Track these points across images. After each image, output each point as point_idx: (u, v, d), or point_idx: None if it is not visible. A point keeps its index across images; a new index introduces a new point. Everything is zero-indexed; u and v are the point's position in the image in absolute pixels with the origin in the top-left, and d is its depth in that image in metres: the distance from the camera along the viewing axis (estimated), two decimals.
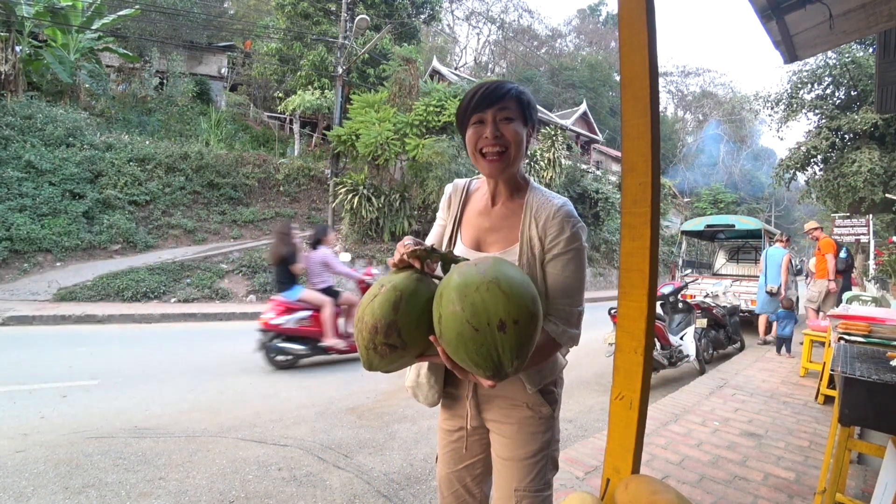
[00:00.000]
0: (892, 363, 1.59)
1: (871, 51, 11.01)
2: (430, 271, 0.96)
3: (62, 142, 9.64)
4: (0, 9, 10.93)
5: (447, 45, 35.90)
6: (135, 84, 14.79)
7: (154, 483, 2.30)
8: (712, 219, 9.70)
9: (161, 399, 3.52)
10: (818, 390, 3.83)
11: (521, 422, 1.08)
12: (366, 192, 10.67)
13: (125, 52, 13.99)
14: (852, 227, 11.22)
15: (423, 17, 19.26)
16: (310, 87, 15.53)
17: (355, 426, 3.17)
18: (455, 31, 37.40)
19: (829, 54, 11.97)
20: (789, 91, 13.17)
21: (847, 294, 5.49)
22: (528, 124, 1.03)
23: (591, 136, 26.93)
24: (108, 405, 3.34)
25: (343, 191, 10.76)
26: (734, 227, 8.88)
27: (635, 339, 0.78)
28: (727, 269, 10.23)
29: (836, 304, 6.25)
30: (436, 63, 21.55)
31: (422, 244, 0.93)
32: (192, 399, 3.56)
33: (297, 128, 16.65)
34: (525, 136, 1.03)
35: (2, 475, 2.29)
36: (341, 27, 12.63)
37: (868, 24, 2.35)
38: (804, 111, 13.09)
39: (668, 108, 44.21)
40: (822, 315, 6.05)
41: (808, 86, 12.83)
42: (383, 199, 10.90)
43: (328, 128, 13.02)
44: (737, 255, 10.43)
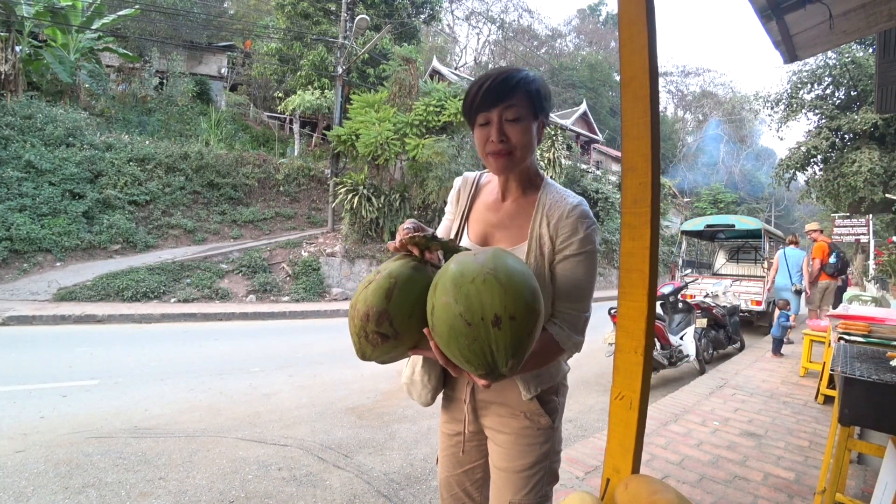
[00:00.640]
0: (892, 363, 1.59)
1: (871, 51, 11.02)
2: (430, 260, 0.91)
3: (62, 142, 9.64)
4: (0, 9, 10.93)
5: (447, 45, 35.91)
6: (135, 84, 14.79)
7: (154, 483, 2.30)
8: (712, 219, 9.70)
9: (161, 399, 3.52)
10: (818, 390, 3.83)
11: (517, 432, 1.03)
12: (366, 192, 10.67)
13: (125, 52, 13.99)
14: (852, 227, 11.23)
15: (423, 17, 19.26)
16: (310, 87, 15.54)
17: (355, 426, 3.17)
18: (455, 31, 37.41)
19: (829, 54, 11.98)
20: (789, 91, 13.18)
21: (847, 294, 5.52)
22: (539, 117, 0.98)
23: (591, 136, 26.92)
24: (108, 405, 3.34)
25: (343, 191, 10.76)
26: (734, 227, 8.89)
27: (635, 339, 0.78)
28: (727, 269, 10.23)
29: (836, 303, 6.38)
30: (436, 63, 21.54)
31: (424, 229, 0.89)
32: (192, 399, 3.56)
33: (297, 128, 16.65)
34: (536, 130, 0.98)
35: (2, 475, 2.29)
36: (341, 27, 12.63)
37: (868, 24, 2.35)
38: (804, 111, 13.10)
39: (668, 108, 44.21)
40: (821, 313, 6.17)
41: (808, 86, 12.84)
42: (383, 199, 10.90)
43: (328, 128, 13.02)
44: (737, 255, 10.43)
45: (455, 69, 28.29)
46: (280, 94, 17.05)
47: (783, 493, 2.22)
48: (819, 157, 12.90)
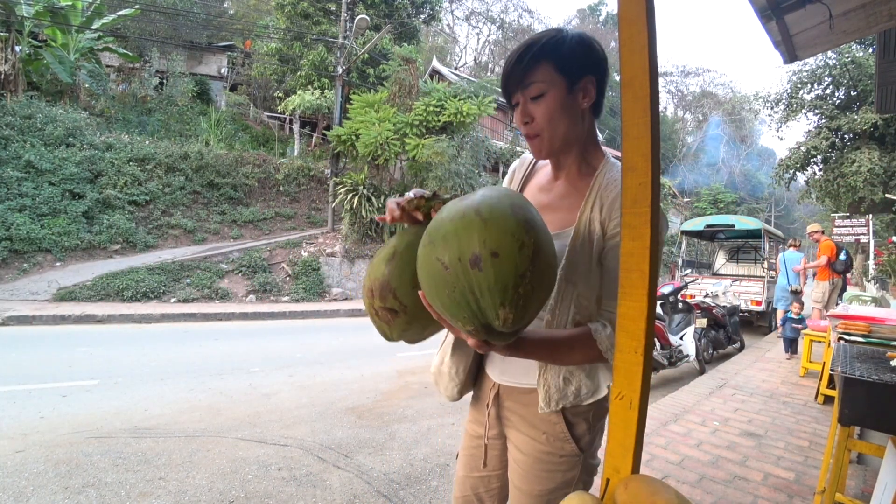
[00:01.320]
0: (892, 363, 1.59)
1: (871, 51, 11.02)
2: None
3: (62, 142, 9.64)
4: (0, 9, 10.93)
5: (447, 45, 35.90)
6: (135, 84, 14.79)
7: (154, 483, 2.30)
8: (712, 219, 9.71)
9: (161, 399, 3.52)
10: (818, 390, 3.83)
11: (536, 455, 0.92)
12: (366, 192, 10.67)
13: (125, 52, 13.99)
14: (852, 227, 11.24)
15: (423, 17, 19.26)
16: (310, 87, 15.54)
17: (355, 426, 3.17)
18: (455, 31, 37.41)
19: (829, 54, 11.98)
20: (789, 91, 13.19)
21: (847, 294, 5.53)
22: (575, 86, 0.83)
23: None
24: (107, 405, 3.34)
25: (343, 191, 10.76)
26: (734, 227, 8.89)
27: (635, 339, 0.77)
28: (727, 269, 10.24)
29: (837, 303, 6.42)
30: (436, 63, 21.54)
31: (423, 193, 0.80)
32: (192, 399, 3.56)
33: (297, 128, 16.65)
34: (577, 101, 0.84)
35: (2, 475, 2.29)
36: (341, 27, 12.63)
37: (868, 24, 2.35)
38: (804, 111, 13.11)
39: (668, 108, 44.22)
40: (823, 314, 6.22)
41: (808, 86, 12.85)
42: (383, 199, 10.90)
43: (328, 128, 13.02)
44: (737, 255, 10.44)
45: (455, 69, 28.29)
46: (280, 94, 17.05)
47: (783, 493, 2.22)
48: (819, 157, 12.91)
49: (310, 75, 15.47)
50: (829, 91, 12.77)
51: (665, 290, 5.25)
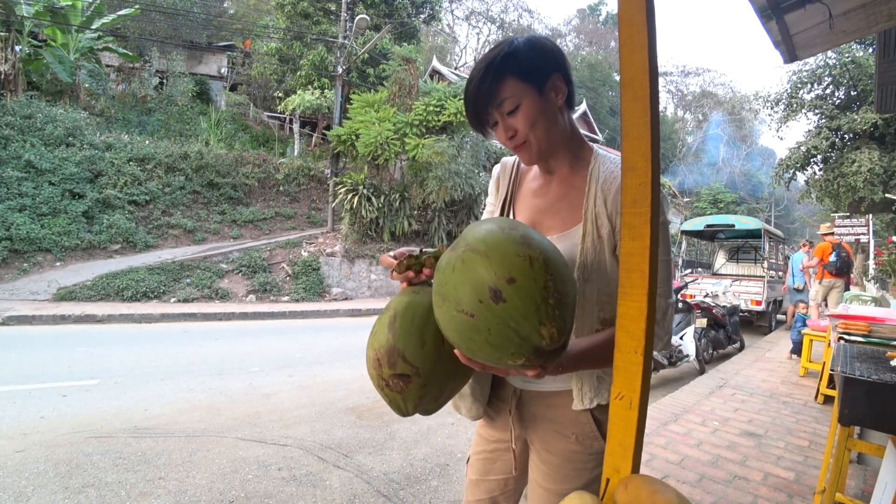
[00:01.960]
0: (892, 363, 1.59)
1: (871, 51, 11.02)
2: (430, 277, 0.78)
3: (62, 141, 9.64)
4: (0, 9, 10.93)
5: (447, 44, 35.90)
6: (135, 84, 14.79)
7: (154, 483, 2.30)
8: (712, 219, 9.71)
9: (161, 399, 3.52)
10: (818, 390, 3.83)
11: (565, 455, 0.92)
12: (366, 191, 10.67)
13: (125, 51, 13.99)
14: (852, 227, 11.24)
15: (422, 16, 19.26)
16: (310, 86, 15.55)
17: (355, 426, 3.17)
18: (455, 31, 37.40)
19: (829, 54, 11.98)
20: (789, 91, 13.19)
21: (847, 294, 5.54)
22: (545, 88, 0.83)
23: (591, 135, 26.93)
24: (107, 405, 3.34)
25: (343, 191, 10.77)
26: (734, 226, 8.89)
27: (635, 339, 0.77)
28: (727, 268, 10.24)
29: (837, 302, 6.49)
30: (436, 63, 21.54)
31: (411, 251, 0.79)
32: (192, 399, 3.56)
33: (296, 128, 16.65)
34: (548, 98, 0.84)
35: (2, 475, 2.29)
36: (341, 27, 12.63)
37: (868, 24, 2.35)
38: (804, 111, 13.10)
39: (668, 108, 44.22)
40: (821, 311, 6.33)
41: (808, 86, 12.85)
42: (383, 198, 10.90)
43: (328, 128, 13.02)
44: (737, 254, 10.44)
45: (455, 69, 28.28)
46: (280, 94, 17.05)
47: (783, 493, 2.23)
48: (819, 157, 12.90)
49: (310, 75, 15.48)
50: (829, 91, 12.76)
51: None
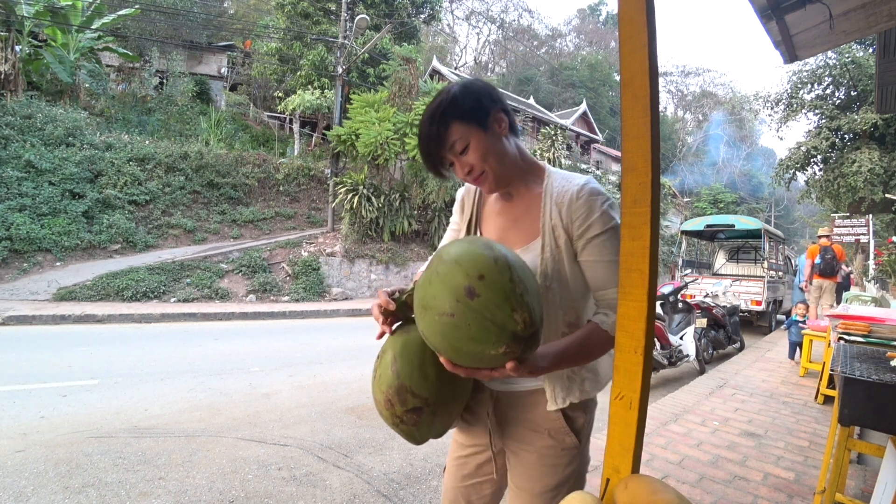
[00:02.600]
0: (892, 363, 1.59)
1: (871, 51, 11.02)
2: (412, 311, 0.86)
3: (62, 141, 9.64)
4: (0, 8, 10.93)
5: (447, 44, 35.90)
6: (135, 84, 14.79)
7: (154, 483, 2.30)
8: (712, 219, 9.71)
9: (161, 399, 3.52)
10: (818, 390, 3.83)
11: (540, 451, 0.97)
12: (366, 191, 10.67)
13: (125, 51, 13.99)
14: (852, 227, 11.24)
15: (423, 16, 19.27)
16: (310, 86, 15.54)
17: (355, 426, 3.17)
18: (455, 31, 37.41)
19: (829, 54, 11.97)
20: (789, 91, 13.18)
21: (847, 294, 5.55)
22: (488, 123, 0.91)
23: (591, 135, 26.93)
24: (107, 405, 3.34)
25: (343, 190, 10.77)
26: (734, 227, 8.89)
27: (635, 339, 0.77)
28: (727, 269, 10.24)
29: (836, 302, 6.54)
30: (436, 63, 21.55)
31: (386, 295, 0.86)
32: (192, 399, 3.56)
33: (296, 127, 16.65)
34: (494, 130, 0.92)
35: (2, 475, 2.29)
36: (341, 27, 12.63)
37: (868, 24, 2.35)
38: (804, 111, 13.10)
39: (668, 108, 44.23)
40: (819, 311, 6.40)
41: (808, 86, 12.84)
42: (383, 198, 10.91)
43: (328, 127, 13.03)
44: (737, 255, 10.44)
45: (455, 69, 28.30)
46: (280, 94, 17.05)
47: (783, 493, 2.23)
48: (819, 157, 12.90)
49: (310, 75, 15.47)
50: (829, 91, 12.76)
51: (665, 290, 5.25)
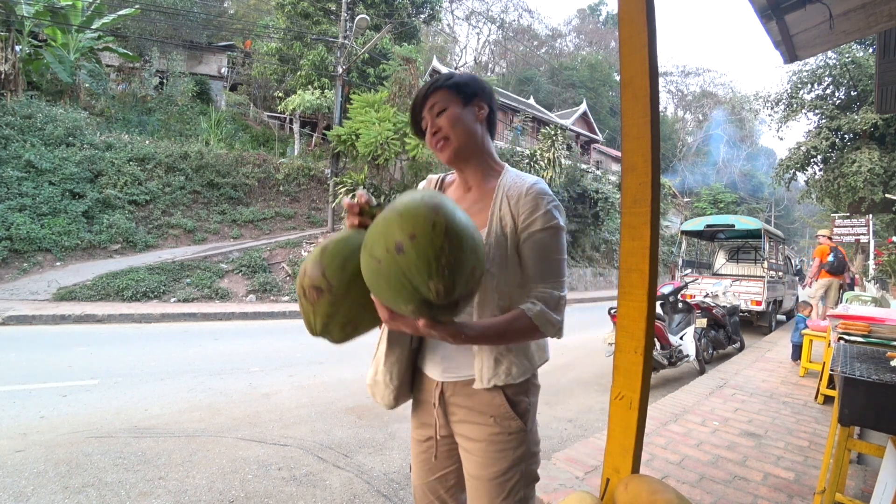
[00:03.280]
0: (892, 363, 1.59)
1: (871, 51, 11.01)
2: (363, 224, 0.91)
3: (62, 141, 9.64)
4: (0, 8, 10.93)
5: (447, 44, 35.89)
6: (135, 84, 14.79)
7: (154, 483, 2.30)
8: (712, 219, 9.70)
9: (161, 399, 3.52)
10: (818, 390, 3.83)
11: (487, 438, 1.00)
12: (366, 191, 10.67)
13: (125, 51, 13.99)
14: (852, 227, 11.24)
15: (422, 16, 19.25)
16: (310, 86, 15.53)
17: (355, 426, 3.17)
18: (455, 31, 37.40)
19: (829, 54, 11.97)
20: (789, 91, 13.17)
21: (847, 294, 5.55)
22: (470, 103, 1.02)
23: (591, 135, 26.93)
24: (107, 405, 3.34)
25: (343, 190, 10.77)
26: (734, 227, 8.89)
27: (635, 339, 0.77)
28: (727, 269, 10.23)
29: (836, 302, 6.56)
30: (436, 63, 21.54)
31: (368, 197, 0.91)
32: (192, 399, 3.56)
33: (297, 127, 16.65)
34: (472, 116, 1.02)
35: (2, 475, 2.29)
36: (341, 27, 12.63)
37: (868, 24, 2.35)
38: (804, 111, 13.09)
39: (668, 108, 44.23)
40: (821, 310, 6.42)
41: (808, 86, 12.83)
42: (383, 198, 10.91)
43: (328, 127, 13.02)
44: (737, 255, 10.43)
45: (455, 69, 28.29)
46: (280, 94, 17.04)
47: (783, 493, 2.22)
48: (819, 157, 12.89)
49: (310, 75, 15.47)
50: (829, 91, 12.75)
51: (665, 290, 5.25)
